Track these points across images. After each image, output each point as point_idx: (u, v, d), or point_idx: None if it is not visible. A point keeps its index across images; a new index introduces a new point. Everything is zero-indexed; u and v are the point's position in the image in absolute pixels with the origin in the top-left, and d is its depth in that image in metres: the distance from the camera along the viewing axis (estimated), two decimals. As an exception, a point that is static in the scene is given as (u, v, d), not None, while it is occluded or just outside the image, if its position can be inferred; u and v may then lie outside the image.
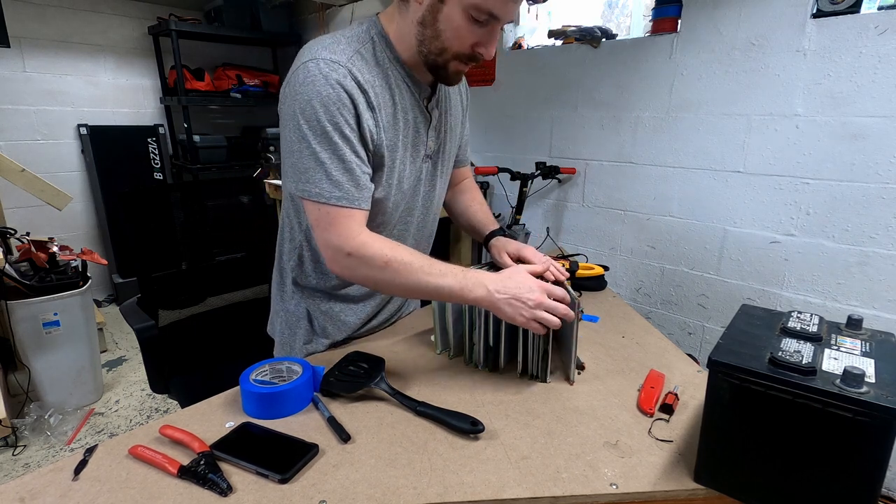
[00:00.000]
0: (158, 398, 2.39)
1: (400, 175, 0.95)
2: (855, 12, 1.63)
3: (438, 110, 0.99)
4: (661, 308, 2.28)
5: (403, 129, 0.92)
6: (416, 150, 0.96)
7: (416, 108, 0.93)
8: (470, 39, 0.82)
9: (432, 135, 0.98)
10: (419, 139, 0.96)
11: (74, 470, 0.69)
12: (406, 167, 0.95)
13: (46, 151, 3.16)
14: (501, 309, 0.84)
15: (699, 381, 0.92)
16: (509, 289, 0.83)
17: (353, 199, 0.84)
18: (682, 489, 0.68)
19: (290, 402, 0.82)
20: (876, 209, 1.67)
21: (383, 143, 0.89)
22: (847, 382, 0.56)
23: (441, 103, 1.00)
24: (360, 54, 0.85)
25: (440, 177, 1.06)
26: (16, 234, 2.27)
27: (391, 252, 0.85)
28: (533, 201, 2.63)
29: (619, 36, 2.32)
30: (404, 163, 0.94)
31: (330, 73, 0.80)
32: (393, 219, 1.00)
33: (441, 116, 1.00)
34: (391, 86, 0.89)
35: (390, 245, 0.87)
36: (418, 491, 0.66)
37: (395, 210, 0.99)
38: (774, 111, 1.83)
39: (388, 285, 0.88)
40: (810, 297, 1.85)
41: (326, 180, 0.82)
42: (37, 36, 3.01)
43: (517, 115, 2.65)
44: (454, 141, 1.08)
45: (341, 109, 0.81)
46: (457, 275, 0.85)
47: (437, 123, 0.99)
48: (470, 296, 0.84)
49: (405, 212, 1.02)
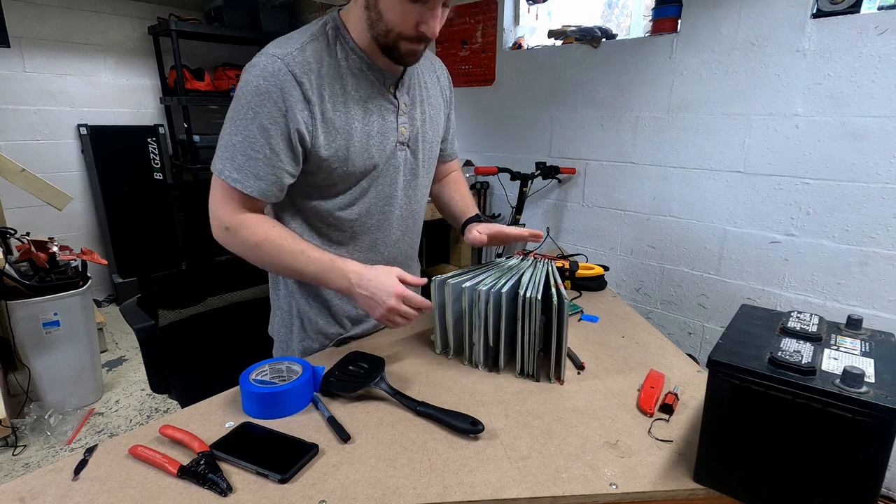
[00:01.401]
0: (158, 398, 2.39)
1: (365, 163, 0.95)
2: (855, 12, 1.63)
3: (410, 97, 0.99)
4: (661, 308, 2.29)
5: (363, 117, 0.93)
6: (385, 136, 0.96)
7: (380, 96, 0.95)
8: (411, 19, 0.84)
9: (404, 121, 0.98)
10: (387, 126, 0.96)
11: (74, 470, 0.69)
12: (373, 155, 0.95)
13: (46, 151, 3.16)
14: (359, 302, 0.92)
15: (699, 381, 0.92)
16: (369, 287, 0.89)
17: (246, 186, 0.88)
18: (682, 489, 0.68)
19: (290, 402, 0.82)
20: (876, 209, 1.67)
21: (333, 130, 0.90)
22: (847, 382, 0.56)
23: (413, 91, 1.01)
24: (307, 47, 0.88)
25: (422, 166, 1.06)
26: (16, 234, 2.27)
27: (265, 235, 0.91)
28: (533, 201, 2.63)
29: (619, 36, 2.32)
30: (368, 150, 0.94)
31: (266, 67, 0.84)
32: (373, 209, 1.01)
33: (414, 104, 1.01)
34: (344, 75, 0.91)
35: (271, 229, 0.92)
36: (418, 491, 0.66)
37: (372, 199, 0.99)
38: (774, 111, 1.83)
39: (260, 263, 0.95)
40: (810, 297, 1.85)
41: (230, 161, 0.88)
42: (37, 36, 3.01)
43: (517, 115, 2.65)
44: (436, 131, 1.08)
45: (266, 102, 0.85)
46: (323, 264, 0.92)
47: (408, 110, 0.99)
48: (331, 285, 0.93)
49: (384, 202, 1.01)
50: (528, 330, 0.91)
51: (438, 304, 1.00)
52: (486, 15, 2.69)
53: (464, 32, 2.81)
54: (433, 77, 1.09)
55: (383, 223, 1.04)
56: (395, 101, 0.96)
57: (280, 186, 0.91)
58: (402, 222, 1.07)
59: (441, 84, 1.11)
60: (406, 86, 0.99)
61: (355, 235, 1.02)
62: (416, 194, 1.08)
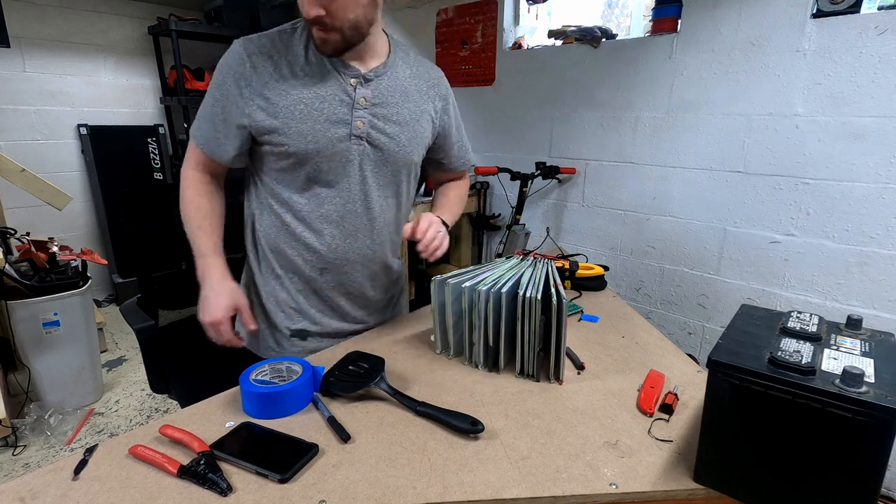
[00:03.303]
0: (158, 398, 2.39)
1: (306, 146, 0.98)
2: (855, 12, 1.63)
3: (376, 95, 1.01)
4: (661, 308, 2.29)
5: (309, 102, 0.97)
6: (333, 125, 0.98)
7: (336, 86, 0.98)
8: (302, 3, 0.90)
9: (362, 115, 1.00)
10: (337, 115, 0.98)
11: (74, 470, 0.69)
12: (315, 139, 0.98)
13: (46, 151, 3.15)
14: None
15: (699, 381, 0.92)
16: (204, 298, 1.01)
17: (199, 141, 1.02)
18: (682, 489, 0.68)
19: (290, 401, 0.82)
20: (876, 209, 1.67)
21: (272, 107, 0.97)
22: (846, 382, 0.56)
23: (385, 92, 1.02)
24: (270, 36, 0.99)
25: (388, 165, 1.06)
26: (16, 234, 2.27)
27: (189, 199, 1.04)
28: (533, 201, 2.63)
29: (619, 36, 2.32)
30: (309, 134, 0.97)
31: (235, 48, 0.98)
32: (325, 198, 1.03)
33: (384, 104, 1.02)
34: (299, 62, 0.98)
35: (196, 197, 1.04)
36: (418, 491, 0.66)
37: (324, 187, 1.02)
38: (774, 111, 1.83)
39: (183, 219, 1.05)
40: (810, 297, 1.85)
41: (196, 121, 1.03)
42: (37, 36, 3.01)
43: (517, 115, 2.65)
44: (412, 137, 1.07)
45: (221, 74, 0.99)
46: (199, 249, 1.03)
47: (370, 107, 1.00)
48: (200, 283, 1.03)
49: (337, 192, 1.03)
50: (527, 330, 0.91)
51: (438, 304, 1.00)
52: (486, 15, 2.69)
53: (464, 32, 2.81)
54: (423, 85, 1.09)
55: (345, 216, 1.05)
56: (353, 95, 0.99)
57: (228, 148, 1.01)
58: (364, 217, 1.07)
59: (433, 94, 1.11)
60: (374, 84, 1.01)
61: (319, 225, 1.04)
62: (382, 192, 1.08)
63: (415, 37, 3.07)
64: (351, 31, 0.92)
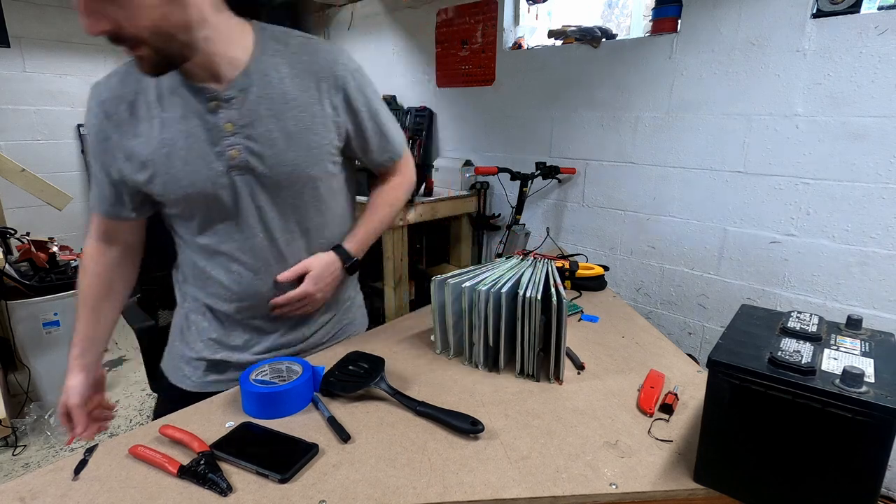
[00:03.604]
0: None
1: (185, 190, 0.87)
2: (855, 12, 1.63)
3: (245, 113, 0.85)
4: (661, 308, 2.29)
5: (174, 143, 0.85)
6: (204, 161, 0.86)
7: (195, 116, 0.85)
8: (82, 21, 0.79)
9: (234, 143, 0.86)
10: (204, 150, 0.85)
11: (74, 470, 0.69)
12: (192, 182, 0.86)
13: (46, 151, 3.16)
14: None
15: (699, 381, 0.92)
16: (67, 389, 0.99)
17: (95, 206, 0.96)
18: (682, 489, 0.68)
19: (290, 401, 0.82)
20: (876, 209, 1.68)
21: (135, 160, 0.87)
22: (846, 382, 0.56)
23: (257, 105, 0.86)
24: (118, 76, 0.88)
25: (280, 190, 0.91)
26: (16, 234, 2.27)
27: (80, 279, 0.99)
28: (533, 201, 2.63)
29: (619, 36, 2.32)
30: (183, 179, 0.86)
31: (89, 97, 0.89)
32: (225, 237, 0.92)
33: (259, 121, 0.86)
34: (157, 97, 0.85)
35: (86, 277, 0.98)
36: (418, 491, 0.66)
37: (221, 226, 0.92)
38: (774, 111, 1.83)
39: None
40: (810, 297, 1.85)
41: (91, 186, 0.96)
42: (37, 36, 3.02)
43: (517, 115, 2.65)
44: (304, 150, 0.90)
45: (90, 129, 0.90)
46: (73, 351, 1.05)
47: (241, 129, 0.85)
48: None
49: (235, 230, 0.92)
50: (527, 330, 0.91)
51: (438, 304, 1.00)
52: (486, 15, 2.69)
53: (464, 32, 2.81)
54: (309, 82, 0.89)
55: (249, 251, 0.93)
56: (216, 122, 0.84)
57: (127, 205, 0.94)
58: (269, 250, 0.94)
59: (325, 89, 0.90)
60: (238, 102, 0.85)
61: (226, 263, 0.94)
62: (283, 221, 0.94)
63: (415, 37, 3.07)
64: (160, 41, 0.74)
